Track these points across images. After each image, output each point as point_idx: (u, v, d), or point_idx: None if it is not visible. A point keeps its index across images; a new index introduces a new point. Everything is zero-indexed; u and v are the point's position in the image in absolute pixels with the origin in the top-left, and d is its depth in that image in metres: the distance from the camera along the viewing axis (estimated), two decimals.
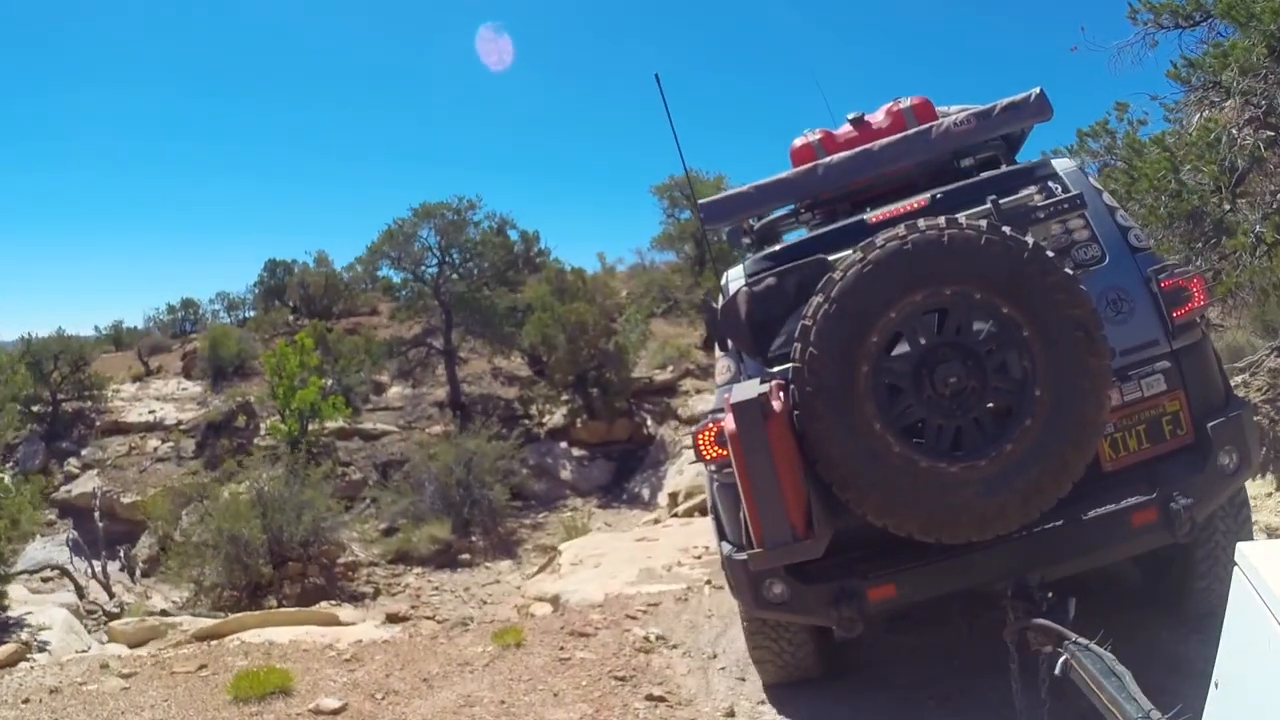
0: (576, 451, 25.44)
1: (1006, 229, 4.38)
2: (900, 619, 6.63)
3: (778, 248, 5.89)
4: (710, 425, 4.94)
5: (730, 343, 5.34)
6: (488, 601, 16.98)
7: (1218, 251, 8.72)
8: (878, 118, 6.59)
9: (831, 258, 5.06)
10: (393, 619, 16.46)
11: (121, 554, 22.15)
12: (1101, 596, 5.80)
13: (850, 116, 6.68)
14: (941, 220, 4.40)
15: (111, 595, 19.02)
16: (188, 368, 33.76)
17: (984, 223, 4.42)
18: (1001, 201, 4.94)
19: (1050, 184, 5.25)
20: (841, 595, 4.72)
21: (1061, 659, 3.79)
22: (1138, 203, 8.88)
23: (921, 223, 4.41)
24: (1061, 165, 5.48)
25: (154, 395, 31.82)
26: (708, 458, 4.99)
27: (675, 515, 17.41)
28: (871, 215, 5.43)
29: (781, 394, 4.52)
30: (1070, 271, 4.35)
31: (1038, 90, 5.70)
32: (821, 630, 5.69)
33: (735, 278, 5.75)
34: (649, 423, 25.95)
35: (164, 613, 17.04)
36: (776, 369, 5.00)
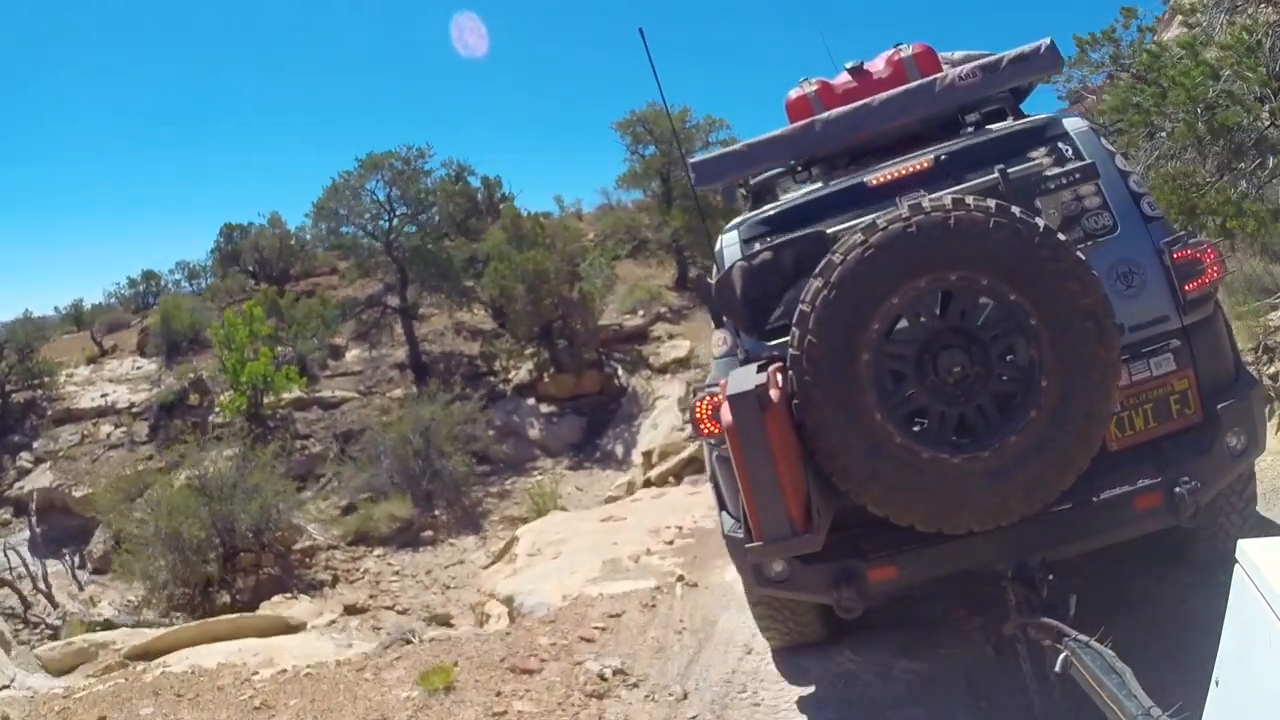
0: (545, 408, 23.93)
1: (1016, 210, 4.18)
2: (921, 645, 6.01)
3: (773, 210, 5.59)
4: (707, 398, 4.82)
5: (725, 318, 5.19)
6: (450, 586, 15.81)
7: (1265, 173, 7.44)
8: (877, 67, 6.37)
9: (830, 230, 4.87)
10: (350, 610, 15.35)
11: (67, 555, 20.89)
12: (1102, 580, 5.67)
13: (849, 65, 6.46)
14: (947, 200, 4.18)
15: (55, 605, 17.82)
16: (142, 345, 32.20)
17: (992, 203, 4.19)
18: (1010, 170, 4.66)
19: (1061, 145, 5.07)
20: (842, 576, 4.71)
21: (1062, 656, 3.78)
22: (1168, 118, 7.57)
23: (926, 202, 4.19)
24: (1073, 125, 5.24)
25: (108, 377, 30.32)
26: (705, 431, 4.91)
27: (649, 483, 16.19)
28: (871, 178, 5.23)
29: (780, 378, 4.36)
30: (1083, 257, 4.18)
31: (1048, 41, 5.47)
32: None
33: (730, 244, 5.49)
34: (620, 373, 24.49)
35: (107, 623, 15.86)
36: (774, 342, 4.88)
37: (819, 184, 5.80)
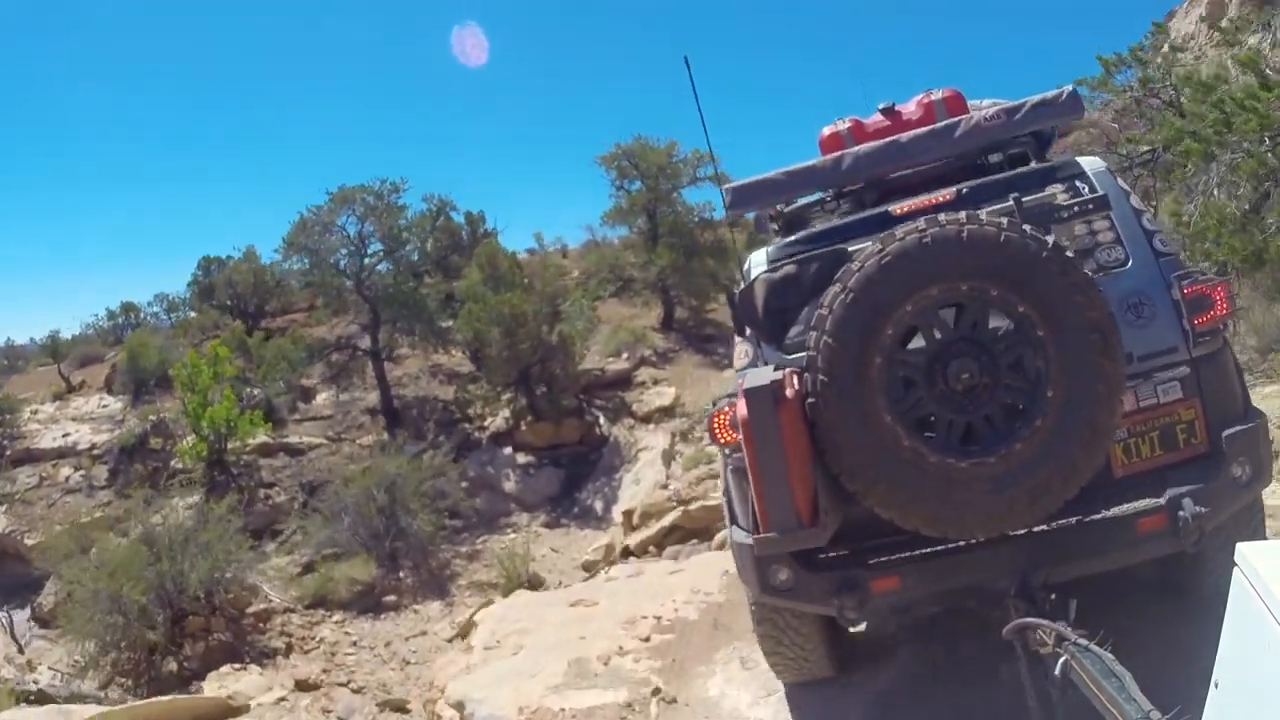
0: (522, 458, 22.55)
1: (1027, 227, 4.38)
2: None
3: (800, 235, 5.83)
4: (726, 409, 4.98)
5: (748, 329, 5.36)
6: (410, 661, 14.50)
7: None
8: (909, 108, 6.62)
9: (851, 248, 5.07)
10: (302, 686, 13.98)
11: (5, 610, 19.62)
12: (1105, 592, 5.52)
13: (881, 106, 6.69)
14: (961, 215, 4.40)
15: None
16: (109, 382, 30.93)
17: (1004, 219, 4.41)
18: (1025, 199, 4.85)
19: (1077, 183, 5.27)
20: (844, 585, 4.74)
21: (1061, 660, 3.79)
22: (1230, 148, 6.59)
23: (942, 217, 4.42)
24: (1089, 164, 5.46)
25: (72, 415, 29.07)
26: (721, 441, 5.07)
27: (627, 552, 14.98)
28: (896, 207, 5.41)
29: (796, 381, 4.53)
30: (1089, 273, 4.39)
31: (1069, 89, 5.72)
32: (832, 631, 5.89)
33: (758, 263, 5.68)
34: (601, 421, 23.18)
35: (40, 694, 14.65)
36: (792, 356, 4.99)
37: (838, 218, 6.09)
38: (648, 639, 8.59)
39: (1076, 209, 4.97)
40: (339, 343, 26.51)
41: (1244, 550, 2.33)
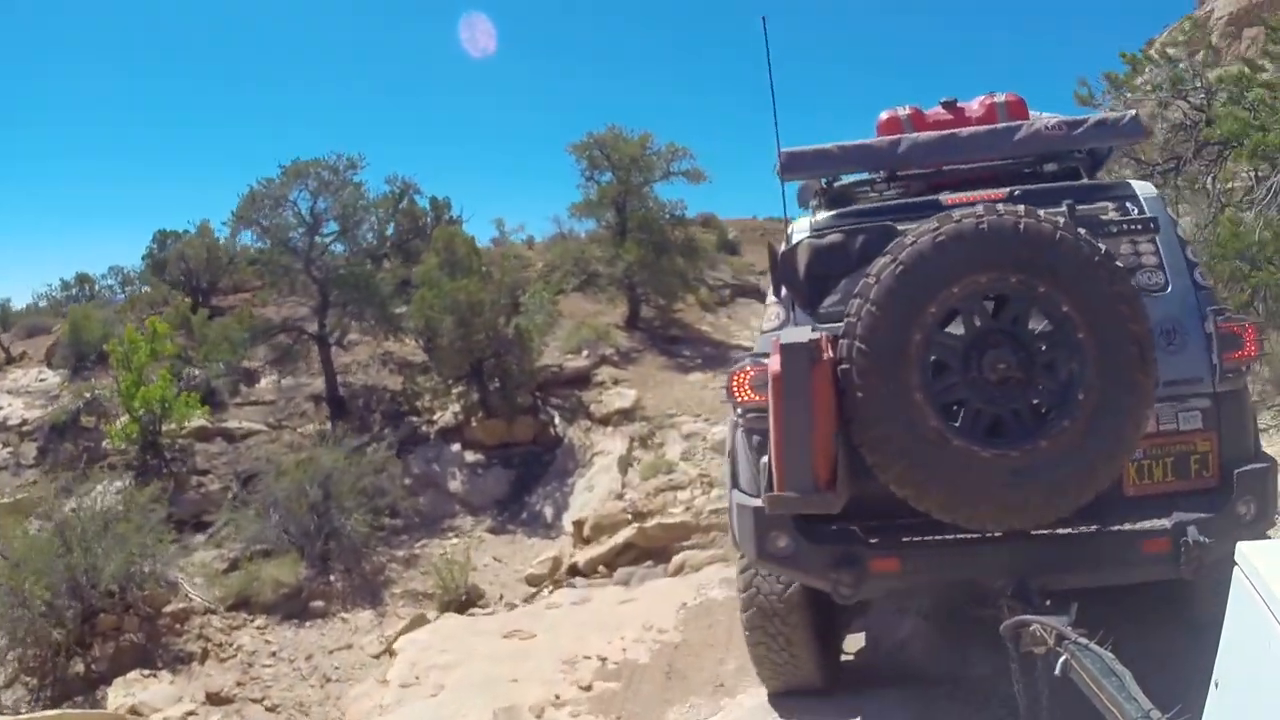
0: (470, 456, 21.23)
1: (1083, 231, 4.44)
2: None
3: (849, 209, 5.87)
4: (749, 368, 5.05)
5: (785, 290, 5.35)
6: (331, 679, 13.37)
7: None
8: (971, 106, 6.63)
9: (901, 226, 4.95)
10: (213, 699, 12.86)
11: None
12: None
13: (943, 100, 6.68)
14: (1021, 208, 4.44)
15: None
16: (50, 355, 29.52)
17: (1061, 219, 4.46)
18: (1078, 208, 4.85)
19: (1128, 204, 5.32)
20: (843, 560, 4.74)
21: (1061, 659, 3.81)
22: None
23: (1000, 206, 4.47)
24: (1141, 188, 5.52)
25: (8, 388, 27.62)
26: (740, 399, 5.09)
27: (574, 570, 13.89)
28: (948, 198, 5.43)
29: (830, 348, 4.53)
30: (1136, 287, 4.48)
31: (1133, 113, 5.82)
32: (824, 637, 5.95)
33: (801, 229, 5.67)
34: (556, 421, 21.90)
35: None
36: (825, 325, 4.89)
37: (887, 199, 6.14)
38: (589, 687, 7.53)
39: (1126, 226, 5.00)
40: (285, 324, 25.08)
41: (1244, 550, 2.34)
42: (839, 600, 4.85)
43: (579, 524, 15.66)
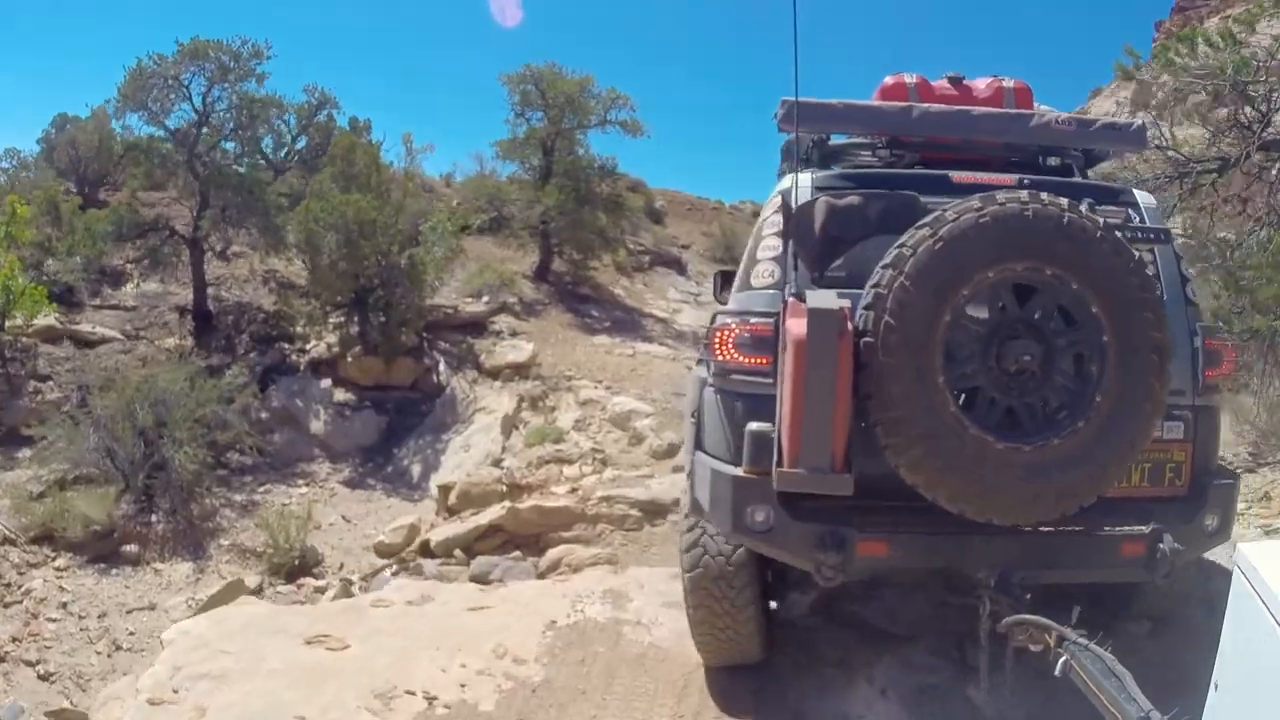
0: (341, 395, 18.93)
1: (1121, 234, 4.40)
2: None
3: (861, 172, 5.66)
4: (734, 326, 4.88)
5: (789, 247, 5.08)
6: (122, 646, 11.28)
7: None
8: (978, 86, 6.40)
9: (923, 199, 4.99)
10: None
11: None
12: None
13: (949, 75, 6.44)
14: (1065, 200, 4.37)
15: None
16: None
17: (1102, 219, 4.37)
18: (1099, 207, 4.71)
19: (1130, 211, 5.33)
20: (829, 539, 4.55)
21: (1061, 660, 3.84)
22: None
23: (1045, 195, 4.36)
24: (1143, 198, 5.56)
25: None
26: (722, 358, 4.89)
27: (426, 550, 11.74)
28: (957, 176, 5.35)
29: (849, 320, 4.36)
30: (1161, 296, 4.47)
31: (1140, 121, 5.99)
32: (765, 604, 5.82)
33: (804, 184, 5.27)
34: (441, 367, 19.64)
35: None
36: (825, 290, 4.70)
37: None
38: None
39: (1139, 234, 4.86)
40: (156, 223, 22.43)
41: (1244, 550, 2.41)
42: (821, 582, 4.64)
43: (444, 489, 13.52)
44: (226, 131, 23.02)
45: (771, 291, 4.92)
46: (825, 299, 4.30)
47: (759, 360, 4.71)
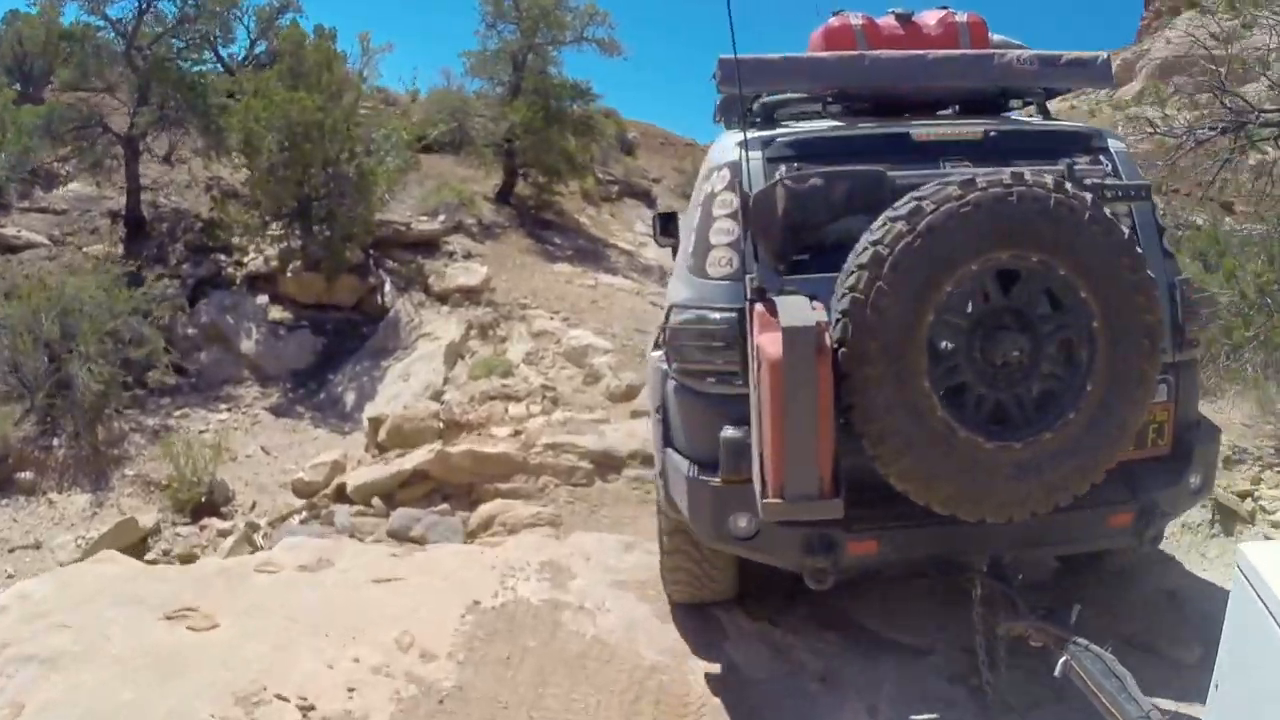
0: (276, 313, 17.55)
1: (1108, 210, 4.17)
2: None
3: (803, 134, 5.21)
4: (695, 324, 4.74)
5: (752, 236, 4.75)
6: None
7: None
8: (928, 22, 6.00)
9: (891, 173, 4.67)
10: None
11: None
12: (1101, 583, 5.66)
13: (896, 11, 6.09)
14: (1049, 180, 4.11)
15: None
16: None
17: (1089, 196, 4.14)
18: (1076, 167, 4.54)
19: (1100, 157, 5.11)
20: (817, 543, 4.43)
21: (1062, 660, 3.86)
22: None
23: (1028, 175, 4.10)
24: (1114, 143, 5.28)
25: None
26: (684, 363, 4.79)
27: (341, 494, 10.49)
28: (917, 133, 5.08)
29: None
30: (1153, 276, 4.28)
31: (1104, 55, 5.62)
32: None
33: (754, 159, 4.88)
34: (387, 288, 18.30)
35: None
36: (792, 277, 4.54)
37: (839, 123, 5.53)
38: None
39: (1119, 192, 4.68)
40: (90, 119, 20.79)
41: (1244, 550, 2.37)
42: (812, 586, 4.49)
43: (375, 422, 12.27)
44: (170, 23, 21.39)
45: (730, 283, 4.69)
46: (798, 311, 3.99)
47: (726, 363, 4.56)
